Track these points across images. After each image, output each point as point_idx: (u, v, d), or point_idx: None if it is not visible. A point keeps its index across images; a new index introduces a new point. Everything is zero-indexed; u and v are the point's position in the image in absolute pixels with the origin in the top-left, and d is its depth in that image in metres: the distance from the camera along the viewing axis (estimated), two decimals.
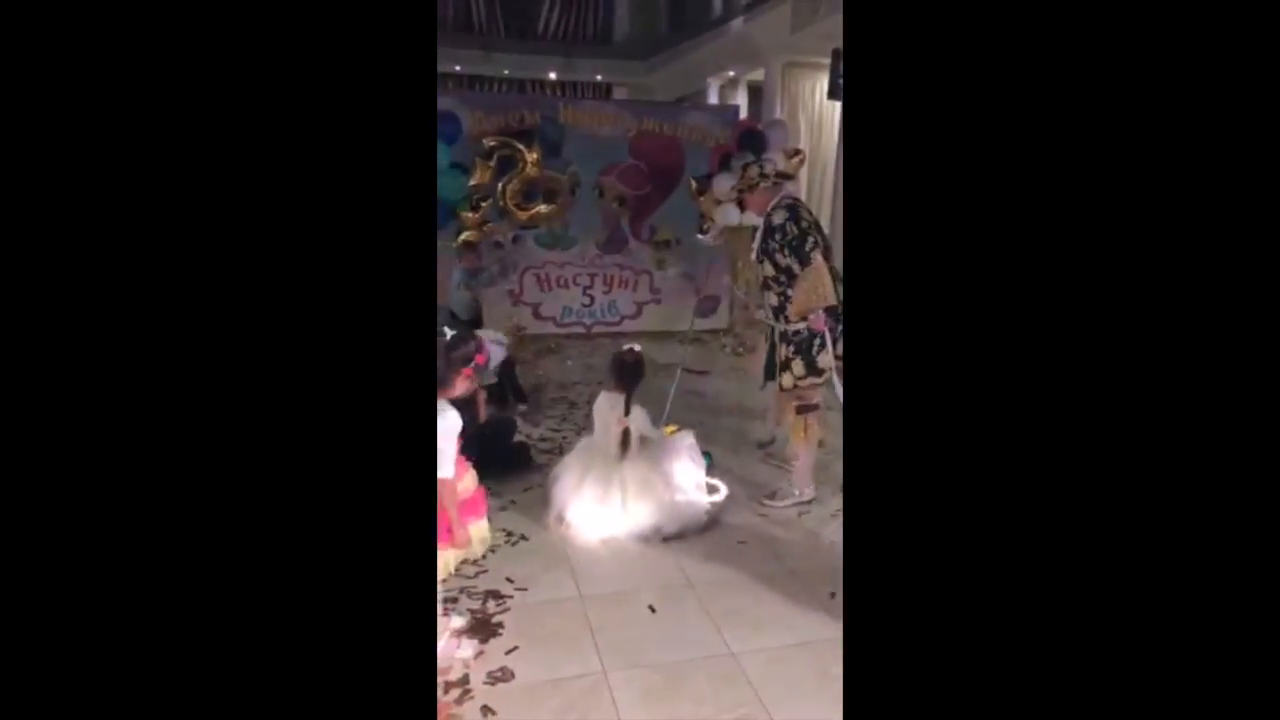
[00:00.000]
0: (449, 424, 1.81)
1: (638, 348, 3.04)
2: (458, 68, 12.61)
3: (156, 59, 0.77)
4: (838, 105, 6.11)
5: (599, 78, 14.23)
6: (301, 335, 0.83)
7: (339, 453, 0.84)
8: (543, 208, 5.84)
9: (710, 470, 2.98)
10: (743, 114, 7.49)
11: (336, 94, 0.84)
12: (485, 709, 1.78)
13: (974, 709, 0.80)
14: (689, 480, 2.82)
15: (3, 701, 0.72)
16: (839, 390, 2.87)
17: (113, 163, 0.77)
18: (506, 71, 13.64)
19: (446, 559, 1.90)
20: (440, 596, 1.94)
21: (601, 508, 2.72)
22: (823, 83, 7.71)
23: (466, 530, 1.92)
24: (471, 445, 2.55)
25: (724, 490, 2.99)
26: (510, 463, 3.32)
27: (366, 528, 0.84)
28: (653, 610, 2.26)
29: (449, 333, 1.93)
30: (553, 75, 13.89)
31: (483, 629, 2.12)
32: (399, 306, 0.88)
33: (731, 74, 8.28)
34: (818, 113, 8.01)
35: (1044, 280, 0.80)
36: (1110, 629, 0.77)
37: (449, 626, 2.04)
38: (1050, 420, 0.79)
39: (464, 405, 2.03)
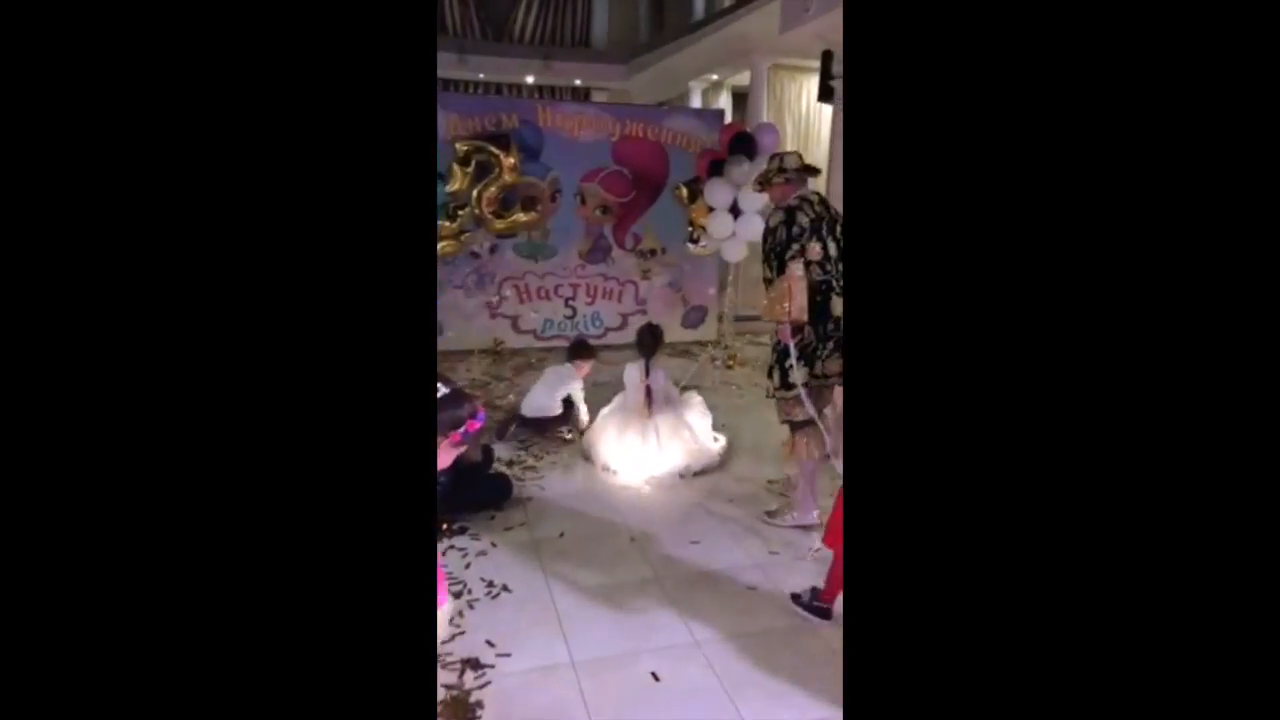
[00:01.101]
0: None
1: (656, 322, 3.92)
2: None
3: (152, 58, 0.77)
4: (827, 108, 5.90)
5: (578, 82, 13.96)
6: (302, 336, 0.83)
7: (338, 452, 0.84)
8: (521, 215, 5.55)
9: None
10: (727, 118, 7.27)
11: (335, 94, 0.84)
12: None
13: (975, 713, 0.80)
14: (702, 428, 3.56)
15: (3, 702, 0.73)
16: (810, 409, 2.72)
17: (111, 163, 0.77)
18: (482, 75, 13.31)
19: None
20: None
21: (641, 452, 3.37)
22: (810, 85, 7.52)
23: None
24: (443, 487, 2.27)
25: (723, 440, 3.68)
26: (488, 496, 3.03)
27: (366, 527, 0.84)
28: (656, 678, 1.98)
29: (441, 389, 1.60)
30: (530, 79, 13.60)
31: (458, 712, 1.82)
32: (399, 307, 0.87)
33: (715, 77, 8.06)
34: (805, 116, 7.83)
35: (1046, 281, 0.80)
36: (1113, 634, 0.77)
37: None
38: (1052, 422, 0.79)
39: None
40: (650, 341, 3.62)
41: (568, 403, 3.93)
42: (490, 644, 2.09)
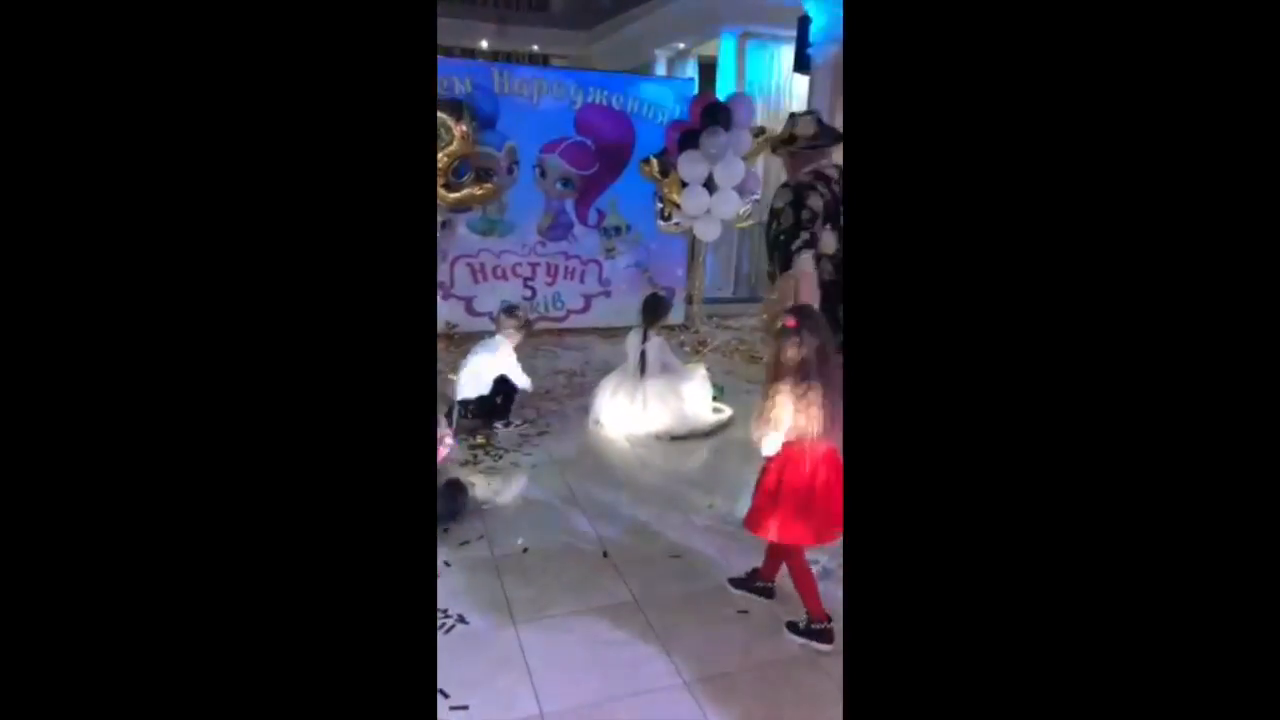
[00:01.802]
0: None
1: (662, 291, 4.20)
2: None
3: (149, 54, 0.78)
4: (802, 80, 5.60)
5: (535, 48, 13.33)
6: (302, 332, 0.83)
7: (337, 452, 0.83)
8: (475, 189, 5.12)
9: (719, 399, 3.83)
10: (695, 89, 6.93)
11: (331, 82, 0.83)
12: None
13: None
14: (697, 397, 3.69)
15: (3, 701, 0.74)
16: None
17: (108, 159, 0.77)
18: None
19: None
20: None
21: (627, 411, 3.59)
22: (782, 55, 7.21)
23: None
24: None
25: (729, 411, 3.76)
26: (444, 506, 2.69)
27: (364, 526, 0.84)
28: None
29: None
30: (484, 44, 12.94)
31: None
32: (398, 301, 0.87)
33: (681, 46, 7.67)
34: (777, 88, 7.52)
35: (1050, 283, 0.79)
36: (1116, 641, 0.76)
37: None
38: (1054, 423, 0.79)
39: None
40: (651, 310, 3.79)
41: (503, 384, 3.60)
42: (444, 694, 1.77)
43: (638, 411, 3.59)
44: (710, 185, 3.89)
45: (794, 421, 1.95)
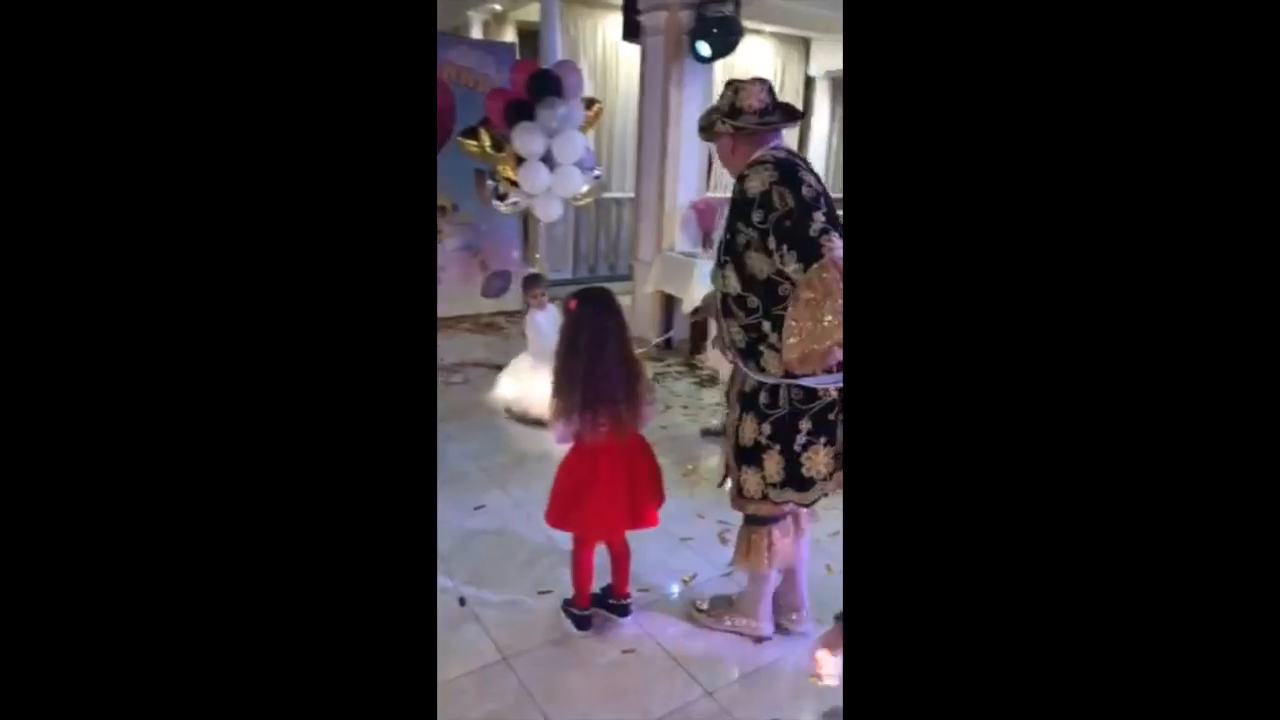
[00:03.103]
0: None
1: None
2: None
3: (146, 51, 0.77)
4: (633, 49, 5.34)
5: None
6: (301, 327, 0.82)
7: (337, 451, 0.82)
8: None
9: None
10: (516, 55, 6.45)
11: (329, 72, 0.82)
12: None
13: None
14: None
15: (2, 701, 0.74)
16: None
17: (107, 155, 0.76)
18: None
19: None
20: None
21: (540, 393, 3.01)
22: (607, 23, 6.90)
23: None
24: None
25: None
26: None
27: (364, 525, 0.83)
28: None
29: None
30: None
31: None
32: (397, 295, 0.85)
33: (498, 7, 7.10)
34: (602, 58, 7.19)
35: (1053, 285, 0.77)
36: (1117, 642, 0.75)
37: None
38: (1056, 425, 0.77)
39: None
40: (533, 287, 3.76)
41: None
42: None
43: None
44: (549, 161, 3.52)
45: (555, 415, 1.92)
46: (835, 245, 1.54)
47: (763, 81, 1.84)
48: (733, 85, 1.82)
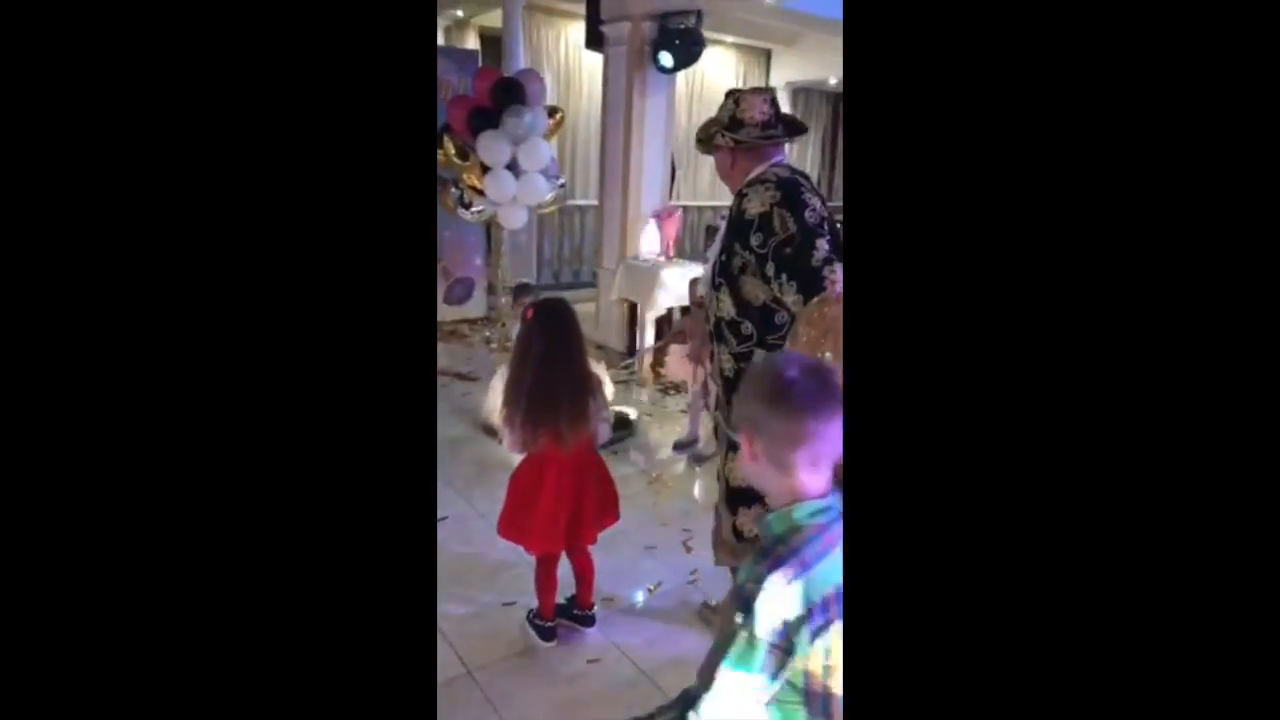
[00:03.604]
0: None
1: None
2: None
3: (144, 50, 0.77)
4: (596, 57, 5.36)
5: None
6: (302, 329, 0.81)
7: (336, 451, 0.82)
8: None
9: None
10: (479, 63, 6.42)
11: (327, 73, 0.82)
12: None
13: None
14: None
15: (2, 701, 0.74)
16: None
17: (106, 154, 0.77)
18: None
19: None
20: None
21: None
22: (570, 30, 6.92)
23: None
24: None
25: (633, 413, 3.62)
26: None
27: (364, 526, 0.82)
28: None
29: None
30: None
31: None
32: (397, 297, 0.85)
33: (460, 14, 7.07)
34: (565, 65, 7.19)
35: (1050, 285, 0.77)
36: (1117, 643, 0.75)
37: None
38: (1058, 427, 0.77)
39: None
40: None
41: None
42: None
43: None
44: (514, 168, 3.52)
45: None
46: (838, 278, 1.44)
47: (765, 92, 1.74)
48: (733, 95, 1.70)
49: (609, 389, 3.27)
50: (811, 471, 0.97)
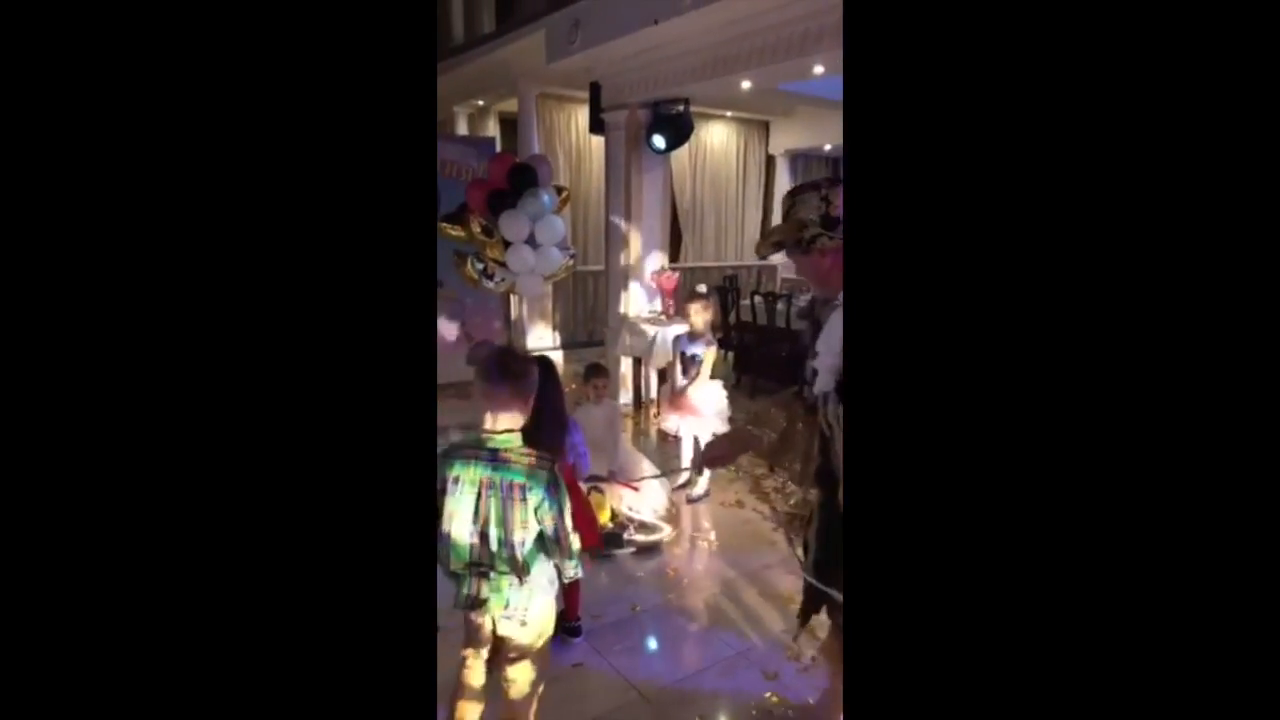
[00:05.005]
0: None
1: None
2: None
3: (143, 50, 0.78)
4: (599, 140, 5.94)
5: None
6: (302, 333, 0.83)
7: (336, 452, 0.84)
8: None
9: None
10: (498, 147, 7.07)
11: (330, 86, 0.84)
12: None
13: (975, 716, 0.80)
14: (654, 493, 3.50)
15: (2, 701, 0.74)
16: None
17: (106, 155, 0.77)
18: None
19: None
20: None
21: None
22: (579, 114, 7.57)
23: None
24: None
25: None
26: None
27: (365, 528, 0.84)
28: None
29: None
30: None
31: None
32: (398, 304, 0.88)
33: (481, 103, 7.79)
34: (576, 147, 7.85)
35: (1050, 289, 0.78)
36: (1117, 643, 0.76)
37: None
38: (1054, 427, 0.78)
39: None
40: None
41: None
42: None
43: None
44: (532, 242, 4.05)
45: None
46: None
47: (817, 188, 1.50)
48: (817, 190, 1.47)
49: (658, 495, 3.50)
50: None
